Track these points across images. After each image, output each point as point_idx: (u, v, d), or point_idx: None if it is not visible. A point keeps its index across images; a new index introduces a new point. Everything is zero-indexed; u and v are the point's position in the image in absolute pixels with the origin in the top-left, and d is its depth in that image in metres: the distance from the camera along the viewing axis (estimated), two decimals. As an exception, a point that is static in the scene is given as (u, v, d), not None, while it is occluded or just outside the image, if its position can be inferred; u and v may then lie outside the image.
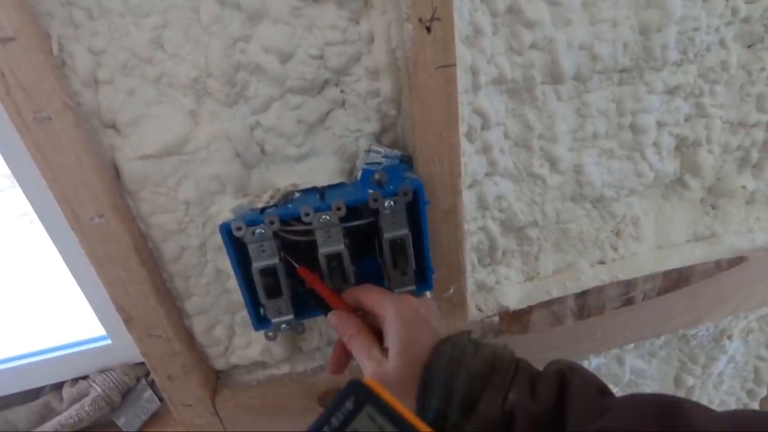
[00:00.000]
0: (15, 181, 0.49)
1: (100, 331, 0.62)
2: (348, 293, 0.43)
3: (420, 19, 0.40)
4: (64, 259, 0.51)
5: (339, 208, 0.42)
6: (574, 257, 0.65)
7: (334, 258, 0.44)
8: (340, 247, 0.44)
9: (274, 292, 0.44)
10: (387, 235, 0.44)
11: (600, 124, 0.57)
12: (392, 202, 0.43)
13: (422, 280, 0.49)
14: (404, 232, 0.45)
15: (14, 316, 0.84)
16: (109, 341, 0.60)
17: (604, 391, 0.34)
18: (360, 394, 0.26)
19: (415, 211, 0.45)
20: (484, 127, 0.52)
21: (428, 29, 0.40)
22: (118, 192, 0.44)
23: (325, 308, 0.44)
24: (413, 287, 0.48)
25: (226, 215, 0.46)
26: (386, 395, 0.26)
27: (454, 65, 0.42)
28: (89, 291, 0.54)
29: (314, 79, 0.44)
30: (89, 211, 0.41)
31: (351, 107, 0.48)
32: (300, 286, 0.46)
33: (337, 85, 0.46)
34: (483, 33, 0.47)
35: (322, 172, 0.49)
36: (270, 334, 0.47)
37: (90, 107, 0.40)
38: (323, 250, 0.44)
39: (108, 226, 0.42)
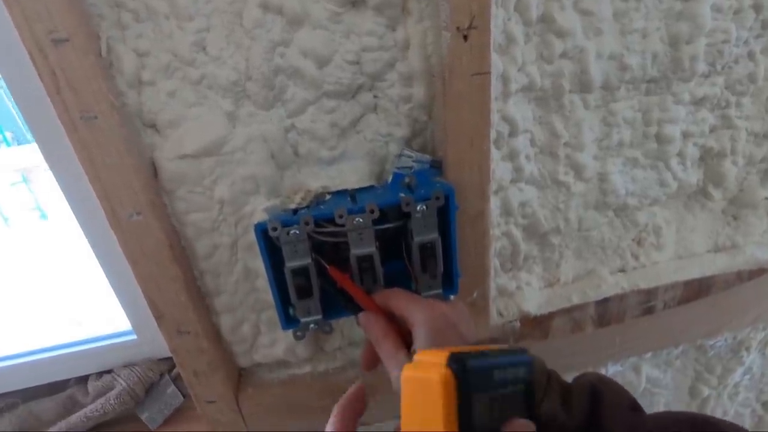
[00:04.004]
0: (28, 178, 0.49)
1: (126, 326, 0.63)
2: (378, 296, 0.44)
3: (458, 28, 0.40)
4: (96, 255, 0.52)
5: (372, 211, 0.43)
6: (594, 265, 0.66)
7: (366, 259, 0.45)
8: (371, 249, 0.44)
9: (305, 292, 0.45)
10: (417, 239, 0.45)
11: (625, 134, 0.57)
12: (424, 207, 0.44)
13: (448, 283, 0.49)
14: (434, 236, 0.45)
15: (36, 309, 0.85)
16: (134, 336, 0.61)
17: (635, 407, 0.34)
18: (529, 370, 0.28)
19: (444, 215, 0.46)
20: (512, 134, 0.53)
21: (465, 37, 0.41)
22: (155, 190, 0.45)
23: (354, 309, 0.45)
24: (440, 290, 0.49)
25: (259, 215, 0.47)
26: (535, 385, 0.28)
27: (489, 73, 0.43)
28: (119, 286, 0.55)
29: (350, 84, 0.45)
30: (128, 208, 0.42)
31: (383, 112, 0.48)
32: (329, 286, 0.46)
33: (370, 90, 0.47)
34: (515, 41, 0.48)
35: (352, 174, 0.50)
36: (299, 333, 0.48)
37: (133, 108, 0.41)
38: (355, 252, 0.44)
39: (145, 223, 0.43)
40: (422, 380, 0.23)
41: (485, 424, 0.24)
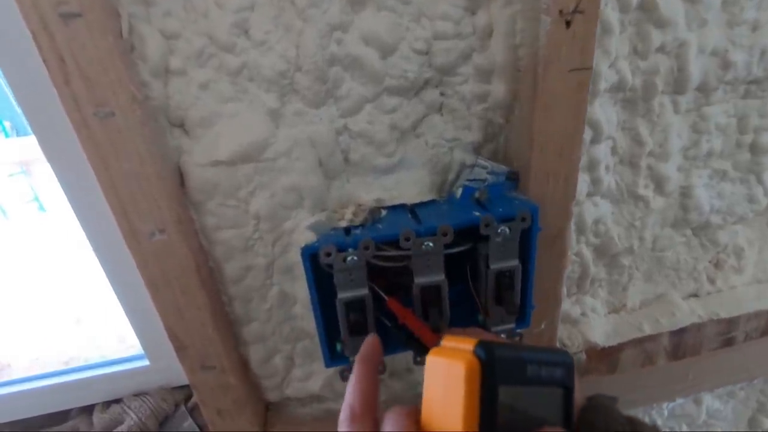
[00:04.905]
0: (27, 170, 0.42)
1: (137, 349, 0.55)
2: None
3: (560, 11, 0.33)
4: (107, 273, 0.45)
5: (445, 234, 0.36)
6: (665, 288, 0.58)
7: (432, 290, 0.37)
8: (440, 277, 0.37)
9: (359, 328, 0.37)
10: (494, 266, 0.38)
11: (716, 142, 0.50)
12: (506, 229, 0.36)
13: (521, 316, 0.42)
14: (514, 263, 0.38)
15: (36, 324, 0.78)
16: (146, 362, 0.53)
17: None
18: (569, 374, 0.25)
19: (525, 238, 0.38)
20: (594, 140, 0.45)
21: (568, 24, 0.33)
22: (181, 203, 0.37)
23: (416, 347, 0.38)
24: (513, 325, 0.41)
25: (302, 234, 0.40)
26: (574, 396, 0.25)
27: (591, 68, 0.35)
28: (132, 307, 0.48)
29: (415, 79, 0.38)
30: (149, 225, 0.35)
31: (449, 113, 0.41)
32: (385, 317, 0.39)
33: (437, 86, 0.40)
34: (611, 32, 0.40)
35: (410, 186, 0.42)
36: (346, 373, 0.40)
37: (158, 102, 0.34)
38: (420, 281, 0.37)
39: (169, 243, 0.36)
40: (447, 365, 0.22)
41: (511, 419, 0.23)
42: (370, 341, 0.31)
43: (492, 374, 0.22)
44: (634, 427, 0.29)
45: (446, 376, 0.23)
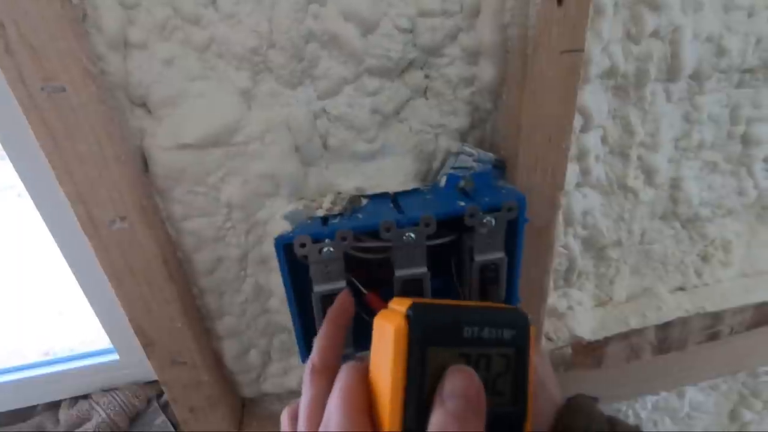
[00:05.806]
0: (13, 164, 0.39)
1: (106, 343, 0.53)
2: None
3: (553, -12, 0.31)
4: (70, 265, 0.42)
5: (428, 224, 0.34)
6: (651, 282, 0.58)
7: (414, 284, 0.35)
8: (422, 270, 0.35)
9: (336, 322, 0.35)
10: (479, 258, 0.36)
11: (708, 132, 0.49)
12: (492, 219, 0.34)
13: (506, 310, 0.40)
14: (500, 255, 0.36)
15: (17, 316, 0.75)
16: (116, 356, 0.51)
17: None
18: (521, 335, 0.24)
19: (511, 230, 0.36)
20: (584, 128, 0.44)
21: (559, 1, 0.31)
22: (145, 189, 0.34)
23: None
24: (498, 320, 0.40)
25: (278, 224, 0.37)
26: (533, 359, 0.24)
27: (582, 50, 0.33)
28: (97, 299, 0.45)
29: (399, 59, 0.35)
30: (109, 212, 0.32)
31: (434, 97, 0.39)
32: (363, 310, 0.37)
33: (422, 68, 0.37)
34: (603, 13, 0.38)
35: (392, 174, 0.40)
36: (323, 370, 0.39)
37: (116, 78, 0.31)
38: (401, 273, 0.35)
39: (132, 232, 0.33)
40: (383, 327, 0.23)
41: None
42: (341, 299, 0.31)
43: (419, 335, 0.22)
44: (613, 428, 0.28)
45: (382, 338, 0.23)
